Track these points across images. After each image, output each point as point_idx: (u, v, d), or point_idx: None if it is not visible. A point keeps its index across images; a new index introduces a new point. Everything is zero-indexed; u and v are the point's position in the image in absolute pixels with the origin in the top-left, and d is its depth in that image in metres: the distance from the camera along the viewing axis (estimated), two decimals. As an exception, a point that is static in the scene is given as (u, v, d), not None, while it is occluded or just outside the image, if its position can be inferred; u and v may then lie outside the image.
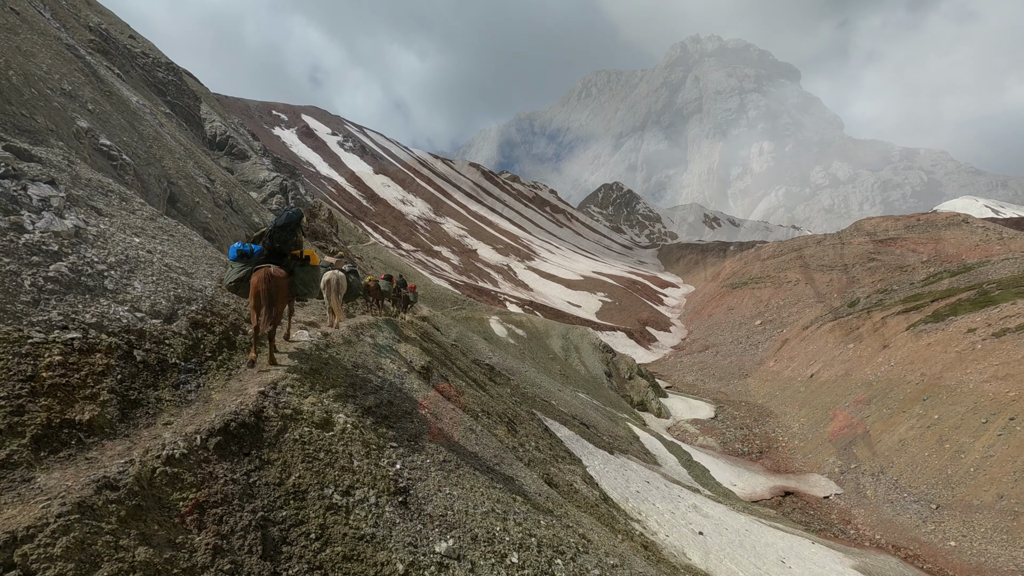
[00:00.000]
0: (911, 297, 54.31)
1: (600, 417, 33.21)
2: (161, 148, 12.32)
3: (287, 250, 5.80)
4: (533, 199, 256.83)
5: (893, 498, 26.94)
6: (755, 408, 50.75)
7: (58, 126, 8.06)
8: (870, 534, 24.96)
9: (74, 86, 10.26)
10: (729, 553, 17.30)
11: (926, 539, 23.32)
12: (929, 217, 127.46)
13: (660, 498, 19.96)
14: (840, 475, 31.65)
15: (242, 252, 5.59)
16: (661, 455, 33.07)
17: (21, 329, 3.71)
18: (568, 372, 44.83)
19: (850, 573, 18.27)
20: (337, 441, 4.74)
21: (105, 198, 6.60)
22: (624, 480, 19.86)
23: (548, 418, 22.30)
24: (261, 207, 18.01)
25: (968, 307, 40.34)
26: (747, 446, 40.75)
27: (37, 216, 4.86)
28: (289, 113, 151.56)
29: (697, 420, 47.62)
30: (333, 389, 5.60)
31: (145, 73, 21.88)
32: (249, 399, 4.47)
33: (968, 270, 59.48)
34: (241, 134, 33.19)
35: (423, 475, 5.14)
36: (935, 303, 46.06)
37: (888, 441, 31.41)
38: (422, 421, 6.33)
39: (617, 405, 42.91)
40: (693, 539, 17.17)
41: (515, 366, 33.42)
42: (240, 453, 3.94)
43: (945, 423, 29.12)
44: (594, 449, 21.91)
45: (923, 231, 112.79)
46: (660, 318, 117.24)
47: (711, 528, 18.95)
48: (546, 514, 6.47)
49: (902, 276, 70.10)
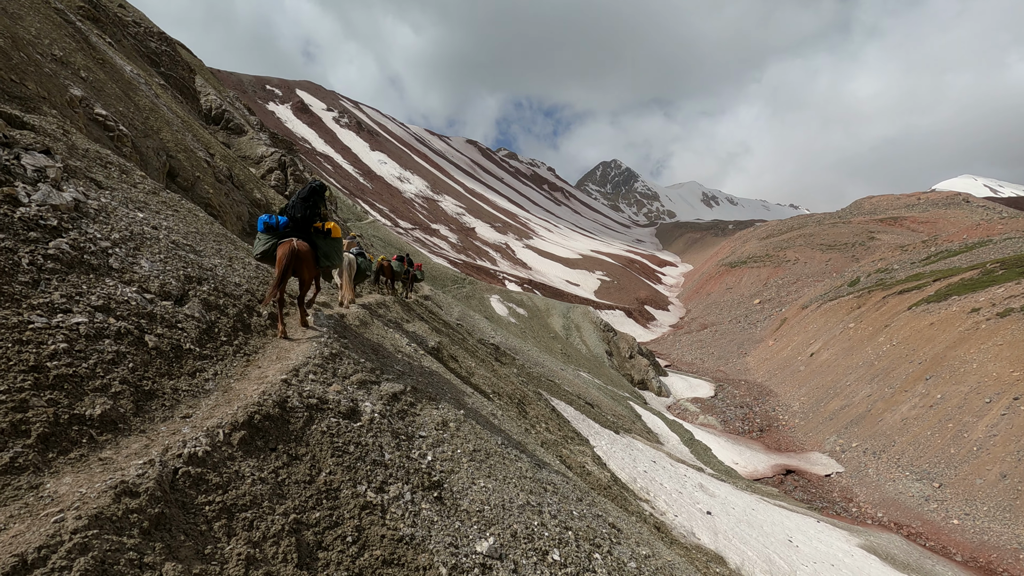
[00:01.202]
0: (912, 276, 54.14)
1: (603, 396, 33.13)
2: (158, 120, 11.76)
3: (310, 222, 5.91)
4: (531, 177, 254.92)
5: (895, 476, 27.08)
6: (755, 387, 50.92)
7: (50, 93, 7.54)
8: (872, 512, 25.12)
9: (65, 52, 9.67)
10: (737, 532, 17.30)
11: (929, 517, 23.48)
12: (929, 196, 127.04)
13: (667, 478, 19.90)
14: (841, 453, 31.80)
15: (268, 224, 5.74)
16: (663, 434, 33.13)
17: (20, 313, 3.32)
18: (569, 351, 44.72)
19: (857, 552, 18.34)
20: (366, 432, 4.40)
21: (104, 170, 6.14)
22: (631, 460, 19.78)
23: (554, 398, 22.13)
24: (262, 183, 17.47)
25: (971, 287, 40.16)
26: (747, 424, 40.91)
27: (33, 188, 4.42)
28: (283, 88, 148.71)
29: (697, 399, 47.77)
30: (356, 375, 5.25)
31: (137, 43, 21.04)
32: (272, 388, 4.11)
33: (969, 249, 59.24)
34: (237, 108, 32.30)
35: (455, 467, 4.82)
36: (937, 283, 45.90)
37: (890, 420, 31.49)
38: (447, 407, 6.00)
39: (618, 384, 42.92)
40: (702, 519, 17.15)
41: (518, 345, 33.23)
42: (266, 448, 3.60)
43: (948, 402, 29.15)
44: (600, 429, 21.80)
45: (923, 210, 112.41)
46: (658, 297, 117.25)
47: (718, 508, 18.95)
48: (576, 503, 6.20)
49: (903, 255, 69.83)
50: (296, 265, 5.52)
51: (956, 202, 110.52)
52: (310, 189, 5.98)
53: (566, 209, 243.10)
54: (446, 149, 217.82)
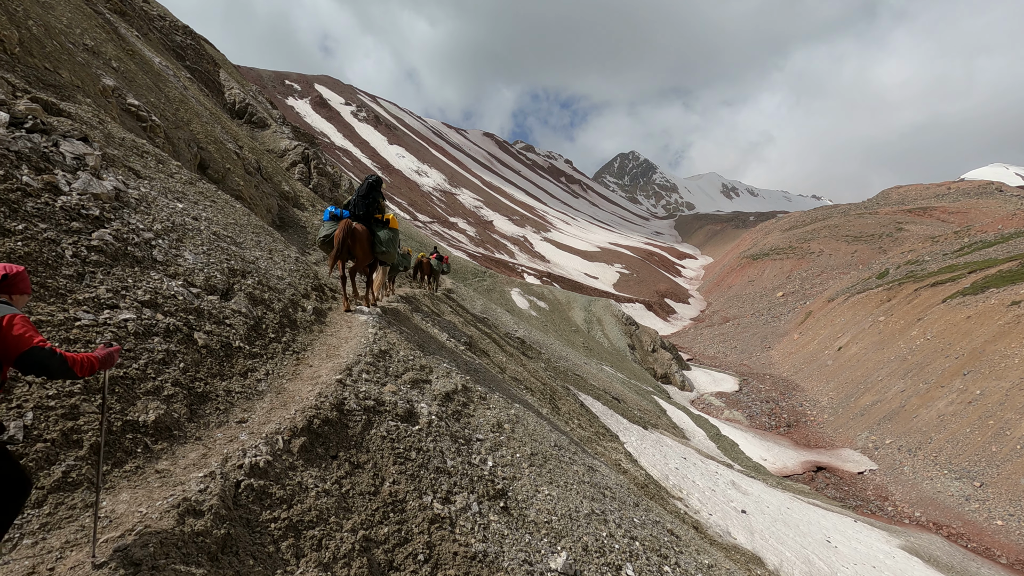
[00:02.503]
0: (946, 268, 52.50)
1: (627, 391, 32.63)
2: (188, 112, 11.59)
3: (370, 214, 6.48)
4: (548, 169, 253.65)
5: (933, 475, 26.22)
6: (780, 381, 49.93)
7: (83, 82, 7.34)
8: (909, 511, 24.36)
9: (96, 42, 9.50)
10: (774, 532, 16.82)
11: (970, 517, 22.66)
12: (960, 185, 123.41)
13: (699, 475, 19.45)
14: (874, 450, 30.95)
15: (333, 214, 6.27)
16: (689, 429, 32.57)
17: (66, 309, 3.06)
18: (591, 345, 44.23)
19: (898, 553, 17.73)
20: (426, 436, 4.09)
21: (141, 159, 5.91)
22: (662, 457, 19.35)
23: (581, 392, 21.75)
24: (289, 176, 17.31)
25: (1010, 278, 38.73)
26: (774, 420, 40.11)
27: (73, 176, 4.18)
28: (302, 83, 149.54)
29: (722, 393, 46.99)
30: (407, 373, 4.95)
31: (163, 36, 21.02)
32: (328, 389, 3.82)
33: (1006, 240, 57.27)
34: (260, 102, 32.33)
35: (516, 472, 4.50)
36: (973, 274, 44.39)
37: (925, 416, 30.52)
38: (497, 407, 5.69)
39: (641, 378, 42.34)
40: (737, 518, 16.68)
41: (541, 339, 32.87)
42: (327, 456, 3.31)
43: (989, 398, 28.13)
44: (629, 424, 21.38)
45: (954, 200, 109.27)
46: (678, 290, 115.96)
47: (752, 506, 18.45)
48: (633, 508, 5.86)
49: (934, 247, 67.80)
50: (351, 243, 5.84)
51: (989, 191, 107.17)
52: (368, 185, 6.47)
53: (584, 202, 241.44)
54: (463, 142, 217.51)
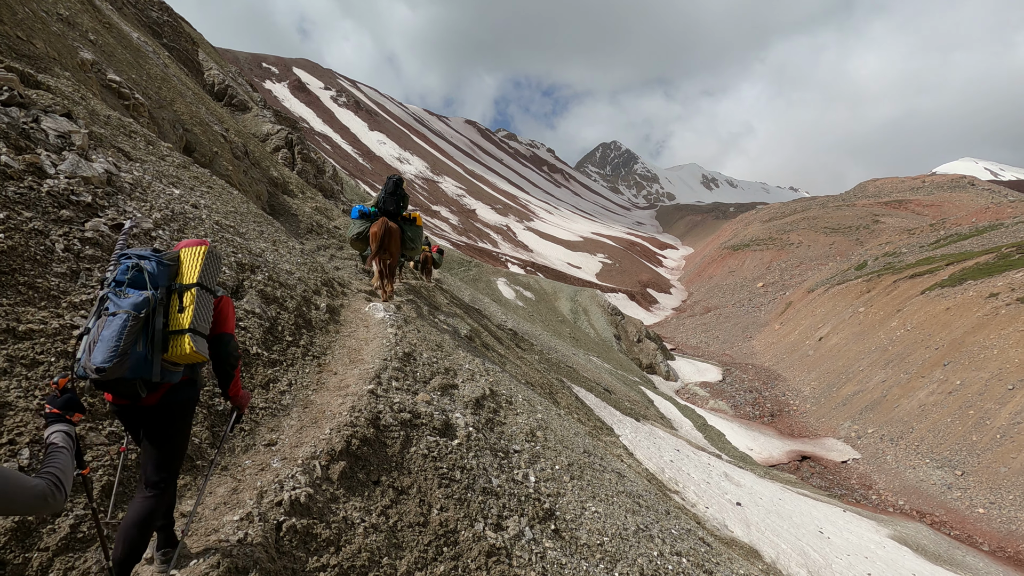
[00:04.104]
0: (923, 260, 53.53)
1: (616, 382, 32.59)
2: (171, 91, 10.85)
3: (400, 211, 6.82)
4: (530, 158, 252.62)
5: (915, 464, 26.71)
6: (763, 371, 50.57)
7: (60, 54, 6.67)
8: (893, 500, 24.78)
9: (72, 12, 8.74)
10: (769, 524, 16.87)
11: (952, 506, 23.12)
12: (933, 179, 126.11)
13: (693, 467, 19.43)
14: (857, 439, 31.45)
15: (363, 212, 6.72)
16: (676, 419, 32.70)
17: (60, 314, 2.57)
18: (578, 335, 44.11)
19: (888, 543, 17.94)
20: (467, 452, 3.69)
21: (130, 140, 5.33)
22: (657, 449, 19.26)
23: (575, 385, 21.53)
24: (276, 161, 16.57)
25: (987, 271, 39.58)
26: (758, 409, 40.58)
27: (58, 157, 3.64)
28: (280, 66, 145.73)
29: (706, 383, 47.40)
30: (435, 378, 4.53)
31: (138, 12, 19.92)
32: (361, 401, 3.39)
33: (980, 233, 58.64)
34: (240, 84, 31.18)
35: (559, 487, 4.13)
36: (950, 267, 45.30)
37: (907, 406, 31.08)
38: (523, 411, 5.30)
39: (628, 368, 42.41)
40: (732, 510, 16.69)
41: (530, 330, 32.56)
42: (369, 482, 2.89)
43: (968, 389, 28.71)
44: (622, 416, 21.25)
45: (928, 193, 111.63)
46: (660, 280, 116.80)
47: (746, 498, 18.51)
48: (665, 516, 5.56)
49: (911, 239, 69.18)
50: (388, 240, 6.20)
51: (961, 185, 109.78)
52: (394, 183, 6.84)
53: (566, 191, 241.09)
54: (445, 130, 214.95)
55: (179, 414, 2.15)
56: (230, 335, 2.28)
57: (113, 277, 2.10)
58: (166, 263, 2.16)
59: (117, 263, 2.15)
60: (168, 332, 2.08)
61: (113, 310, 1.99)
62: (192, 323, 2.09)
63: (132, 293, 2.04)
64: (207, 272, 2.23)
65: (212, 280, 2.25)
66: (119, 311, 1.98)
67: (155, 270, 2.12)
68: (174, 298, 2.13)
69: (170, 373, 2.10)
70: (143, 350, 2.00)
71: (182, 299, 2.13)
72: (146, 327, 2.03)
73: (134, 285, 2.08)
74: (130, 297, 2.02)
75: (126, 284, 2.07)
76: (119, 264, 2.15)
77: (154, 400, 2.09)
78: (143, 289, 2.07)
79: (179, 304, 2.12)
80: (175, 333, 2.08)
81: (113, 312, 1.98)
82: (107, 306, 2.01)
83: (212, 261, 2.25)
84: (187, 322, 2.09)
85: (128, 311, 1.98)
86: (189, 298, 2.13)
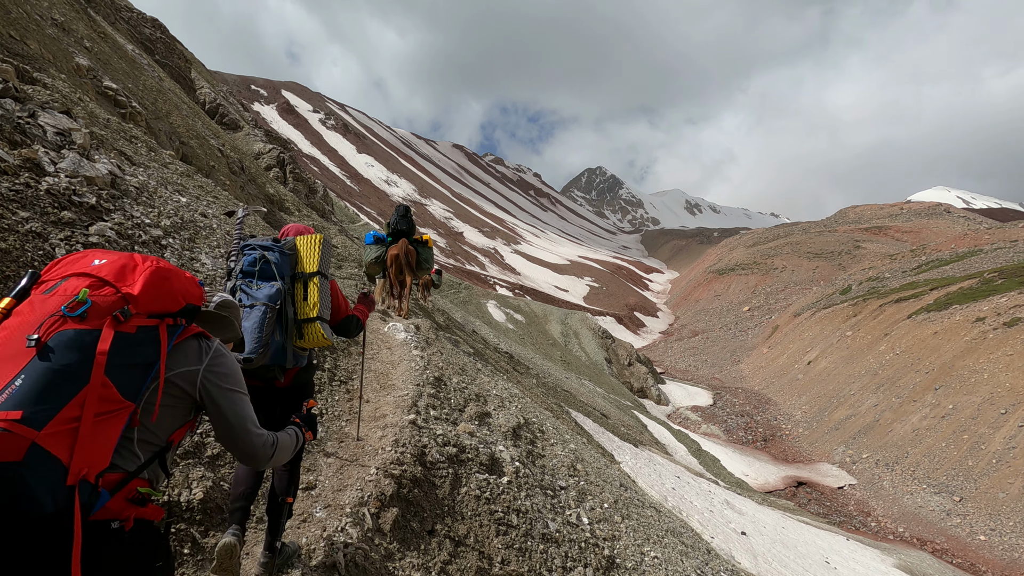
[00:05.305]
0: (907, 285, 54.27)
1: (610, 406, 32.04)
2: (167, 103, 10.46)
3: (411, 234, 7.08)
4: (517, 182, 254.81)
5: (912, 489, 26.47)
6: (753, 395, 50.41)
7: (55, 56, 6.27)
8: (893, 527, 24.44)
9: (66, 18, 8.37)
10: (775, 554, 16.37)
11: (953, 533, 22.83)
12: (911, 206, 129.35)
13: (694, 495, 18.92)
14: (852, 465, 31.20)
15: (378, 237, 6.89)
16: (670, 444, 32.18)
17: (62, 332, 2.12)
18: (569, 358, 43.65)
19: (894, 573, 17.52)
20: (518, 491, 3.26)
21: (131, 145, 4.92)
22: (658, 476, 18.74)
23: (572, 409, 20.99)
24: (271, 179, 16.17)
25: (971, 296, 40.14)
26: (751, 434, 40.27)
27: (57, 155, 3.22)
28: (269, 88, 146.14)
29: (697, 407, 47.05)
30: (468, 406, 4.11)
31: (131, 28, 19.60)
32: (404, 435, 2.96)
33: (961, 259, 59.81)
34: (232, 103, 30.90)
35: (613, 529, 3.70)
36: (935, 291, 45.90)
37: (900, 431, 30.99)
38: (556, 440, 4.88)
39: (620, 392, 41.94)
40: (738, 540, 16.17)
41: (523, 353, 32.08)
42: (423, 532, 2.45)
43: (961, 413, 28.72)
44: (620, 442, 20.72)
45: (906, 220, 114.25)
46: (647, 303, 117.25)
47: (750, 527, 18.01)
48: (707, 555, 5.13)
49: (893, 264, 70.34)
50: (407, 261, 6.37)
51: (938, 212, 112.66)
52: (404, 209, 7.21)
53: (552, 215, 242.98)
54: (433, 153, 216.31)
55: (307, 393, 2.31)
56: (356, 317, 2.46)
57: (240, 268, 2.14)
58: (287, 253, 2.21)
59: (240, 253, 2.19)
60: (299, 320, 2.16)
61: (249, 302, 2.04)
62: (320, 311, 2.18)
63: (264, 284, 2.09)
64: (325, 260, 2.31)
65: (328, 268, 2.34)
66: (256, 303, 2.04)
67: (279, 260, 2.17)
68: (298, 287, 2.19)
69: (299, 357, 2.22)
70: (280, 339, 2.09)
71: (306, 288, 2.19)
72: (280, 317, 2.10)
73: (263, 276, 2.12)
74: (263, 288, 2.08)
75: (256, 275, 2.11)
76: (243, 255, 2.17)
77: (287, 382, 2.20)
78: (272, 280, 2.12)
79: (303, 292, 2.18)
80: (306, 321, 2.16)
81: (250, 304, 2.03)
82: (240, 298, 2.05)
83: (328, 250, 2.32)
84: (315, 310, 2.17)
85: (265, 303, 2.04)
86: (313, 286, 2.20)
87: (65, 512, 1.00)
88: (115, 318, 1.14)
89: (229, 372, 1.36)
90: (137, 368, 1.16)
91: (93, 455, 1.06)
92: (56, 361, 1.05)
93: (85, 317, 1.12)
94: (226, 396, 1.33)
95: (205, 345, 1.33)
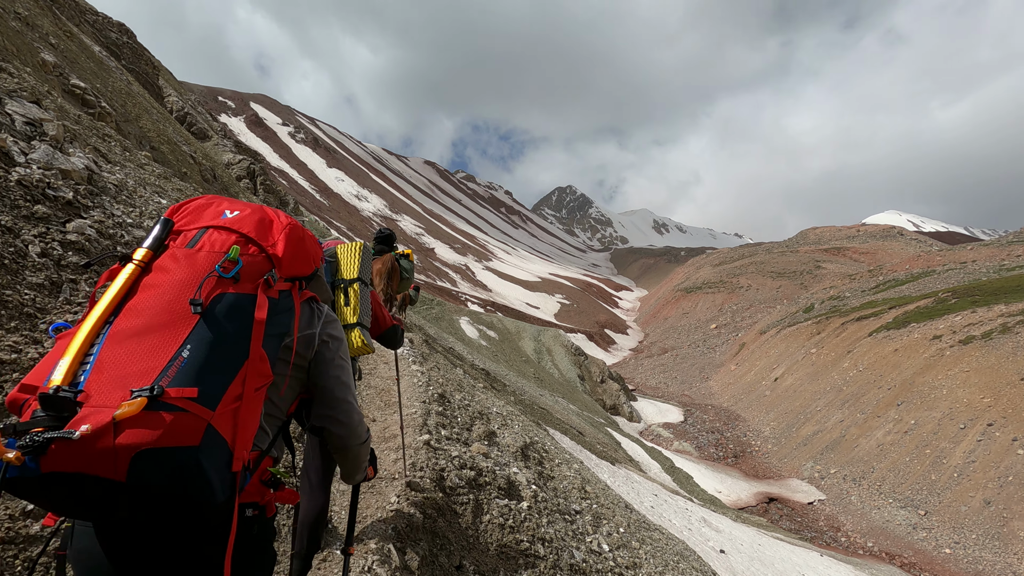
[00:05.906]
0: (867, 304, 56.15)
1: (584, 423, 31.88)
2: (136, 106, 9.98)
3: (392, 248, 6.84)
4: (488, 200, 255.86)
5: (879, 504, 26.99)
6: (722, 411, 51.04)
7: (19, 50, 5.84)
8: (862, 542, 24.80)
9: (31, 13, 7.89)
10: (753, 572, 16.31)
11: (920, 546, 23.29)
12: (866, 229, 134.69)
13: (672, 512, 18.81)
14: (820, 480, 31.71)
15: None
16: (644, 461, 32.17)
17: (38, 339, 1.82)
18: (542, 375, 43.44)
19: (868, 588, 17.69)
20: (539, 518, 3.01)
21: (105, 143, 4.55)
22: (637, 495, 18.58)
23: (549, 427, 20.69)
24: (243, 189, 15.65)
25: (928, 314, 41.72)
26: (722, 450, 40.64)
27: (27, 145, 2.88)
28: (236, 100, 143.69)
29: (668, 424, 47.32)
30: (475, 425, 3.85)
31: (97, 32, 18.90)
32: (420, 456, 2.69)
33: (915, 279, 62.31)
34: (200, 112, 30.15)
35: (633, 557, 3.47)
36: (893, 310, 47.60)
37: (866, 446, 31.71)
38: (560, 460, 4.64)
39: (593, 409, 41.86)
40: (717, 559, 16.03)
41: (497, 370, 31.73)
42: (451, 567, 2.18)
43: (923, 428, 29.58)
44: (598, 460, 20.51)
45: (863, 241, 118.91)
46: (617, 321, 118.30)
47: (728, 544, 17.96)
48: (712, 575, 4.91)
49: (852, 284, 72.84)
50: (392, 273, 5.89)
51: (892, 235, 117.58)
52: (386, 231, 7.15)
53: (523, 232, 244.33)
54: (404, 169, 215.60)
55: None
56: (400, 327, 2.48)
57: None
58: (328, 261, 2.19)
59: None
60: None
61: None
62: (360, 318, 2.15)
63: None
64: (365, 267, 2.29)
65: (368, 275, 2.31)
66: None
67: None
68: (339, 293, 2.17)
69: None
70: None
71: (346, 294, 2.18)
72: None
73: None
74: None
75: None
76: None
77: None
78: None
79: (344, 299, 2.17)
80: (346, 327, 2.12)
81: None
82: None
83: (368, 257, 2.31)
84: (355, 317, 2.14)
85: None
86: (353, 293, 2.18)
87: (230, 501, 0.92)
88: (266, 282, 1.03)
89: (341, 337, 1.29)
90: (275, 338, 1.05)
91: (248, 436, 0.95)
92: (221, 330, 0.92)
93: (239, 279, 0.99)
94: (336, 361, 1.26)
95: (317, 308, 1.25)
